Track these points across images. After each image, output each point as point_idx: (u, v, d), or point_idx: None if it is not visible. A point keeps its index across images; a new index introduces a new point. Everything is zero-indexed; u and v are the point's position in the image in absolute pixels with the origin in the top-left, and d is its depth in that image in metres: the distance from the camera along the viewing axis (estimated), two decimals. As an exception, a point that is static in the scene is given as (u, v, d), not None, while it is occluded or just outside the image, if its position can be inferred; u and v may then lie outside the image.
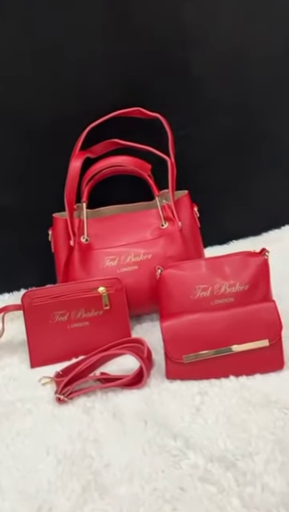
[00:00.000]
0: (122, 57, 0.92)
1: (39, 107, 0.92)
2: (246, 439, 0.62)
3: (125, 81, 0.93)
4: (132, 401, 0.72)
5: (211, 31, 0.96)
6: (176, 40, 0.94)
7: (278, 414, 0.64)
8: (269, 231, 1.13)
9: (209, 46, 0.96)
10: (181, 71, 0.96)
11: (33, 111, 0.92)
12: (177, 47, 0.95)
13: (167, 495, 0.57)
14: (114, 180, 0.94)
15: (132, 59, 0.93)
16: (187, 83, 0.98)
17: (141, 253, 0.87)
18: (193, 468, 0.59)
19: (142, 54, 0.93)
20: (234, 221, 1.11)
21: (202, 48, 0.96)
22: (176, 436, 0.64)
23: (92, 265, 0.87)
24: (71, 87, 0.92)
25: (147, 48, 0.93)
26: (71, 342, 0.84)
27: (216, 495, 0.55)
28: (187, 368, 0.73)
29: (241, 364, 0.72)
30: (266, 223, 1.13)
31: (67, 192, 0.87)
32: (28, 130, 0.93)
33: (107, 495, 0.58)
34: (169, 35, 0.94)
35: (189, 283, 0.80)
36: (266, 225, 1.13)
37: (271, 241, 1.10)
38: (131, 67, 0.93)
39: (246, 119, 1.04)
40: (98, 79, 0.93)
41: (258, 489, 0.55)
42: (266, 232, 1.13)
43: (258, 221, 1.12)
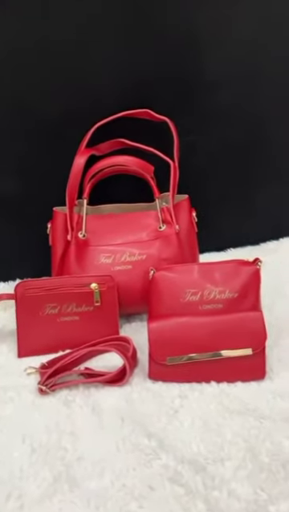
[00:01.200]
0: (134, 59, 0.94)
1: (51, 102, 0.94)
2: (219, 444, 0.62)
3: (136, 83, 0.94)
4: (112, 398, 0.73)
5: (225, 40, 0.96)
6: (189, 47, 0.95)
7: (253, 423, 0.65)
8: (267, 242, 1.14)
9: (221, 54, 0.97)
10: (193, 78, 0.97)
11: (44, 105, 0.94)
12: (190, 54, 0.96)
13: (135, 492, 0.57)
14: (116, 180, 0.95)
15: (145, 62, 0.94)
16: (197, 90, 0.98)
17: (136, 254, 0.88)
18: (164, 468, 0.60)
19: (155, 57, 0.94)
20: (232, 229, 1.11)
21: (215, 56, 0.97)
22: (151, 435, 0.65)
23: (87, 261, 0.88)
24: (83, 85, 0.94)
25: (160, 52, 0.94)
26: (60, 335, 0.85)
27: (183, 496, 0.56)
28: (170, 370, 0.74)
29: (223, 371, 0.73)
30: (264, 234, 1.13)
31: (69, 187, 0.88)
32: (37, 123, 0.95)
33: (77, 488, 0.59)
34: (183, 41, 0.95)
35: (179, 286, 0.81)
36: (264, 235, 1.13)
37: (268, 251, 1.10)
38: (142, 70, 0.95)
39: (253, 130, 1.05)
40: (109, 79, 0.94)
41: (224, 495, 0.55)
42: (264, 242, 1.14)
43: (257, 231, 1.13)
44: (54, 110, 0.94)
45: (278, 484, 0.56)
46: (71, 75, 0.93)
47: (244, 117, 1.03)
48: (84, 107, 0.94)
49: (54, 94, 0.94)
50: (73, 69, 0.93)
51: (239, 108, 1.02)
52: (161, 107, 0.92)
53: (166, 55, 0.95)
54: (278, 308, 0.91)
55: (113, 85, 0.94)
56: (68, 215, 0.89)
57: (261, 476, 0.57)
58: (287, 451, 0.60)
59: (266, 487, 0.56)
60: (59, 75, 0.93)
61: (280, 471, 0.57)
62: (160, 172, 0.92)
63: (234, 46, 0.97)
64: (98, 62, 0.93)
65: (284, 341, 0.80)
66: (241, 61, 0.99)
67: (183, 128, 0.94)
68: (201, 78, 0.98)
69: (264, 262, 1.05)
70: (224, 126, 1.02)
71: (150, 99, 0.93)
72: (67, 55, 0.92)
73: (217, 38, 0.96)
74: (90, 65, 0.93)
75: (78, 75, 0.93)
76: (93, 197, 0.95)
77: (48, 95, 0.93)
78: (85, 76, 0.94)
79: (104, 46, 0.92)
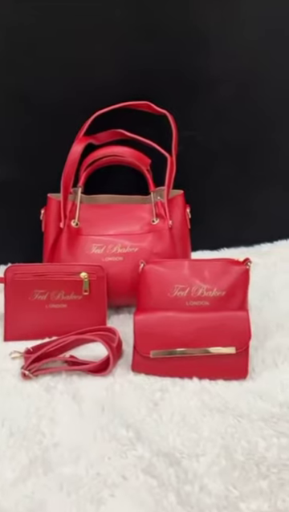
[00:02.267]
0: (137, 50, 0.93)
1: (52, 88, 0.93)
2: (195, 440, 0.63)
3: (138, 74, 0.94)
4: (93, 387, 0.73)
5: (229, 37, 0.96)
6: (193, 42, 0.94)
7: (231, 421, 0.65)
8: (261, 244, 1.14)
9: (226, 51, 0.96)
10: (196, 73, 0.97)
11: (46, 90, 0.93)
12: (195, 48, 0.95)
13: (108, 481, 0.58)
14: (113, 171, 0.95)
15: (148, 55, 0.93)
16: (200, 86, 0.98)
17: (128, 246, 0.88)
18: (139, 459, 0.60)
19: (158, 49, 0.93)
20: (227, 229, 1.11)
21: (219, 52, 0.96)
22: (129, 426, 0.65)
23: (79, 249, 0.88)
24: (84, 74, 0.93)
25: (164, 46, 0.94)
26: (47, 321, 0.85)
27: (155, 488, 0.56)
28: (153, 364, 0.74)
29: (206, 368, 0.73)
30: (259, 235, 1.13)
31: (64, 174, 0.88)
32: (38, 108, 0.94)
33: (52, 472, 0.59)
34: (187, 36, 0.94)
35: (168, 281, 0.81)
36: (259, 237, 1.13)
37: (262, 254, 1.11)
38: (145, 62, 0.94)
39: (253, 130, 1.04)
40: (112, 70, 0.94)
41: (196, 489, 0.55)
42: (258, 244, 1.14)
43: (252, 232, 1.12)
44: (53, 96, 0.93)
45: (250, 482, 0.56)
46: (72, 63, 0.93)
47: (245, 116, 1.02)
48: (85, 95, 0.93)
49: (54, 81, 0.93)
50: (74, 58, 0.92)
51: (241, 107, 1.02)
52: (162, 100, 0.92)
53: (170, 48, 0.94)
54: (266, 310, 0.91)
55: (115, 75, 0.94)
56: (62, 202, 0.89)
57: (234, 473, 0.58)
58: (262, 451, 0.60)
59: (238, 484, 0.56)
60: (60, 62, 0.92)
61: (253, 469, 0.58)
62: (158, 166, 0.91)
63: (238, 43, 0.96)
64: (100, 51, 0.92)
65: (269, 343, 0.81)
66: (245, 58, 0.98)
67: (183, 123, 0.94)
68: (204, 73, 0.97)
69: (257, 263, 1.07)
70: (224, 124, 1.02)
71: (151, 92, 0.93)
72: (69, 43, 0.91)
73: (222, 34, 0.95)
74: (92, 54, 0.92)
75: (79, 64, 0.93)
76: (89, 187, 0.95)
77: (48, 81, 0.93)
78: (87, 65, 0.93)
79: (108, 35, 0.91)
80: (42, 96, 0.93)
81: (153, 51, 0.93)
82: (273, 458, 0.59)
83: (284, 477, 0.57)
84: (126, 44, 0.93)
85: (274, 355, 0.77)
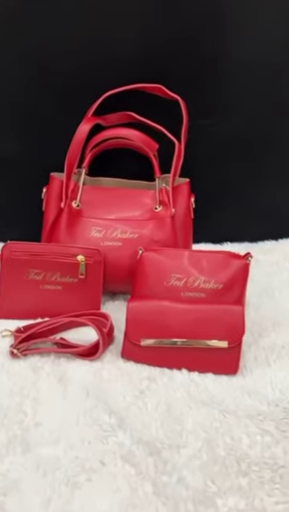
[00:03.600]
0: (156, 34, 0.90)
1: (63, 65, 0.91)
2: (178, 431, 0.62)
3: (153, 57, 0.91)
4: (81, 371, 0.73)
5: (250, 25, 0.92)
6: (213, 27, 0.91)
7: (217, 415, 0.64)
8: (265, 240, 1.11)
9: (244, 40, 0.93)
10: (212, 61, 0.94)
11: (56, 66, 0.91)
12: (213, 36, 0.92)
13: (86, 465, 0.57)
14: (120, 154, 0.93)
15: (165, 37, 0.91)
16: (215, 74, 0.95)
17: (128, 231, 0.86)
18: (119, 446, 0.59)
19: (176, 33, 0.91)
20: (232, 223, 1.09)
21: (237, 41, 0.93)
22: (112, 413, 0.64)
23: (78, 231, 0.86)
24: (97, 52, 0.91)
25: (182, 28, 0.91)
26: (40, 302, 0.85)
27: (132, 476, 0.55)
28: (143, 352, 0.73)
29: (196, 360, 0.72)
30: (263, 232, 1.10)
31: (69, 153, 0.86)
32: (46, 83, 0.92)
33: (30, 452, 0.59)
34: (207, 21, 0.91)
35: (165, 270, 0.79)
36: (263, 234, 1.10)
37: (265, 251, 1.08)
38: (162, 46, 0.91)
39: (266, 124, 1.01)
40: (125, 50, 0.91)
41: (173, 480, 0.54)
42: (262, 241, 1.11)
43: (257, 228, 1.10)
44: (63, 73, 0.91)
45: (229, 478, 0.55)
46: (86, 40, 0.90)
47: (260, 110, 0.99)
48: (96, 74, 0.91)
49: (65, 57, 0.91)
50: (89, 35, 0.90)
51: (257, 99, 0.98)
52: (176, 85, 0.89)
53: (188, 32, 0.91)
54: (264, 307, 0.89)
55: (129, 56, 0.91)
56: (65, 182, 0.87)
57: (214, 468, 0.56)
58: (245, 448, 0.59)
59: (217, 480, 0.55)
60: (74, 38, 0.90)
61: (234, 466, 0.56)
62: (165, 153, 0.89)
63: (261, 30, 0.93)
64: (116, 30, 0.90)
65: (264, 340, 0.79)
66: (264, 50, 0.94)
67: (195, 110, 0.91)
68: (220, 62, 0.94)
69: (259, 260, 1.05)
70: (238, 115, 0.99)
71: (165, 76, 0.90)
72: (86, 19, 0.89)
73: (245, 20, 0.91)
74: (106, 33, 0.90)
75: (94, 42, 0.90)
76: (94, 169, 0.94)
77: (59, 57, 0.90)
78: (100, 44, 0.91)
79: (126, 13, 0.89)
80: (51, 72, 0.91)
81: (171, 33, 0.91)
82: (255, 456, 0.58)
83: (265, 475, 0.55)
84: (143, 23, 0.90)
85: (268, 353, 0.75)
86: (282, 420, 0.62)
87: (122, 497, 0.53)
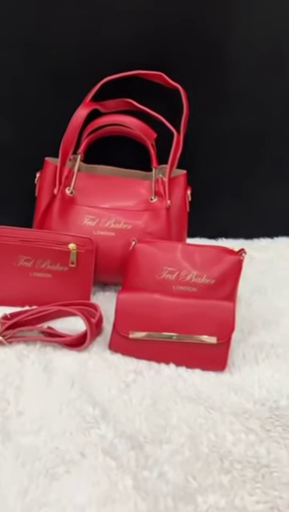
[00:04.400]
0: (159, 19, 0.87)
1: (62, 47, 0.88)
2: (162, 426, 0.61)
3: (156, 44, 0.89)
4: (67, 361, 0.71)
5: (254, 15, 0.89)
6: (218, 16, 0.89)
7: (202, 412, 0.63)
8: (261, 238, 1.10)
9: (250, 32, 0.90)
10: (216, 51, 0.91)
11: (55, 48, 0.88)
12: (218, 25, 0.89)
13: (66, 457, 0.56)
14: (117, 142, 0.91)
15: (168, 25, 0.88)
16: (219, 64, 0.92)
17: (122, 222, 0.85)
18: (101, 438, 0.58)
19: (181, 22, 0.88)
20: (228, 219, 1.07)
21: (242, 32, 0.90)
22: (96, 404, 0.63)
23: (70, 219, 0.85)
24: (99, 35, 0.88)
25: (186, 16, 0.88)
26: (29, 289, 0.83)
27: (112, 470, 0.54)
28: (131, 344, 0.72)
29: (184, 355, 0.71)
30: (260, 229, 1.09)
31: (65, 138, 0.84)
32: (44, 67, 0.89)
33: (10, 441, 0.58)
34: (211, 9, 0.88)
35: (158, 262, 0.78)
36: (259, 231, 1.09)
37: (260, 248, 1.07)
38: (167, 33, 0.88)
39: (269, 119, 0.99)
40: (128, 35, 0.88)
41: (154, 475, 0.53)
42: (257, 238, 1.10)
43: (253, 225, 1.09)
44: (63, 56, 0.88)
45: (211, 475, 0.54)
46: (83, 22, 0.87)
47: (263, 104, 0.97)
48: (95, 58, 0.88)
49: (63, 39, 0.87)
50: (87, 17, 0.86)
51: (261, 92, 0.96)
52: (177, 74, 0.87)
53: (193, 21, 0.88)
54: (256, 305, 0.88)
55: (130, 41, 0.88)
56: (59, 167, 0.85)
57: (196, 465, 0.56)
58: (229, 445, 0.58)
59: (198, 476, 0.54)
60: (74, 19, 0.87)
61: (216, 463, 0.56)
62: (164, 143, 0.87)
63: (264, 26, 0.90)
64: (115, 14, 0.87)
65: (253, 338, 0.78)
66: (269, 43, 0.92)
67: (196, 101, 0.89)
68: (224, 52, 0.92)
69: (253, 257, 1.04)
70: (240, 109, 0.97)
71: (167, 64, 0.88)
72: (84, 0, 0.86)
73: (249, 11, 0.89)
74: (107, 16, 0.87)
75: (92, 24, 0.87)
76: (90, 157, 0.92)
77: (57, 39, 0.87)
78: (100, 27, 0.87)
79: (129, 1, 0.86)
80: (48, 55, 0.88)
81: (176, 19, 0.88)
82: (238, 454, 0.57)
83: (247, 474, 0.55)
84: (146, 8, 0.87)
85: (257, 351, 0.74)
86: (267, 420, 0.61)
87: (101, 491, 0.52)
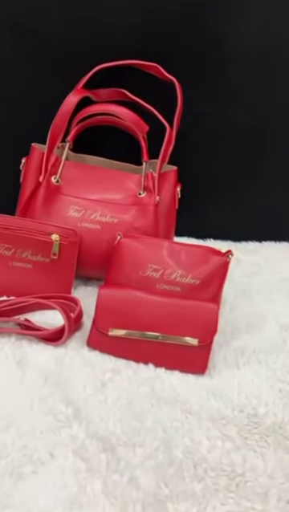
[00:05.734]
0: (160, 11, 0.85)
1: (56, 30, 0.85)
2: (136, 428, 0.58)
3: (154, 34, 0.86)
4: (42, 356, 0.69)
5: (256, 12, 0.87)
6: (218, 9, 0.87)
7: (179, 415, 0.61)
8: (249, 241, 1.09)
9: (249, 27, 0.88)
10: (214, 45, 0.89)
11: (48, 30, 0.84)
12: (218, 19, 0.87)
13: (34, 456, 0.54)
14: (107, 133, 0.88)
15: (170, 18, 0.85)
16: (217, 60, 0.90)
17: (108, 215, 0.82)
18: (72, 439, 0.56)
19: (182, 16, 0.86)
20: (217, 219, 1.05)
21: (242, 27, 0.88)
22: (69, 403, 0.61)
23: (55, 209, 0.82)
24: (96, 21, 0.85)
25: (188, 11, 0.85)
26: (8, 279, 0.80)
27: (81, 472, 0.52)
28: (110, 342, 0.69)
29: (164, 356, 0.68)
30: (248, 232, 1.07)
31: (54, 124, 0.81)
32: (35, 49, 0.86)
33: (-25, 437, 0.55)
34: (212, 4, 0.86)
35: (142, 259, 0.75)
36: (248, 234, 1.07)
37: (247, 251, 1.06)
38: (166, 25, 0.86)
39: (265, 118, 0.97)
40: (125, 22, 0.85)
41: (124, 480, 0.51)
42: (246, 241, 1.08)
43: (242, 228, 1.07)
44: (56, 39, 0.85)
45: (183, 482, 0.52)
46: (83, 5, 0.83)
47: (259, 103, 0.95)
48: (92, 45, 0.85)
49: (56, 19, 0.84)
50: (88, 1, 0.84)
51: (258, 90, 0.94)
52: (173, 67, 0.85)
53: (194, 15, 0.86)
54: (240, 308, 0.87)
55: (129, 29, 0.85)
56: (46, 154, 0.82)
57: (169, 470, 0.54)
58: (204, 451, 0.56)
59: (170, 483, 0.52)
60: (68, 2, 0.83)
61: (190, 470, 0.54)
62: (156, 137, 0.85)
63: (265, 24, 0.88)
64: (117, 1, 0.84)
65: (236, 342, 0.76)
66: (269, 41, 0.90)
67: (190, 96, 0.87)
68: (223, 48, 0.89)
69: (240, 260, 1.02)
70: (235, 107, 0.95)
71: (164, 56, 0.85)
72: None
73: (249, 5, 0.87)
74: (108, 1, 0.84)
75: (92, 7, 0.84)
76: (79, 146, 0.88)
77: (50, 19, 0.84)
78: (101, 11, 0.84)
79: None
80: (39, 36, 0.85)
81: (177, 13, 0.85)
82: (213, 461, 0.55)
83: (220, 482, 0.53)
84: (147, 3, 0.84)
85: (238, 355, 0.72)
86: (245, 427, 0.60)
87: (68, 494, 0.50)
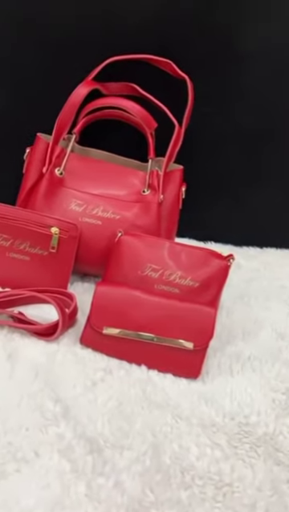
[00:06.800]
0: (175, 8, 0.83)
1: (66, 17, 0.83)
2: (125, 431, 0.57)
3: (169, 32, 0.84)
4: (34, 350, 0.67)
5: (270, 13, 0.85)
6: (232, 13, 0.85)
7: (169, 420, 0.60)
8: (250, 246, 1.07)
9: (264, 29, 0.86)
10: (230, 47, 0.87)
11: (57, 18, 0.83)
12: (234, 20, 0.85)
13: (18, 454, 0.52)
14: (115, 127, 0.87)
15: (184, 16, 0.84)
16: (229, 61, 0.88)
17: (110, 211, 0.81)
18: (58, 438, 0.55)
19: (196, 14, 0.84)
20: (219, 222, 1.04)
21: (260, 30, 0.86)
22: (58, 401, 0.59)
23: (56, 201, 0.80)
24: (111, 13, 0.83)
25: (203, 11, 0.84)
26: (4, 270, 0.79)
27: (66, 473, 0.51)
28: (103, 340, 0.68)
29: (157, 358, 0.67)
30: (250, 237, 1.06)
31: (61, 115, 0.79)
32: (46, 37, 0.84)
33: None
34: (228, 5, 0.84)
35: (142, 258, 0.74)
36: (249, 239, 1.06)
37: (248, 257, 1.04)
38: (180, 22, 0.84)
39: (274, 121, 0.95)
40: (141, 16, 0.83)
41: (109, 484, 0.50)
42: (246, 246, 1.07)
43: (244, 232, 1.05)
44: (69, 29, 0.83)
45: (170, 489, 0.51)
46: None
47: (270, 106, 0.93)
48: (105, 37, 0.83)
49: (69, 6, 0.82)
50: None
51: (269, 93, 0.92)
52: (186, 65, 0.83)
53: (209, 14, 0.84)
54: (237, 314, 0.85)
55: (144, 24, 0.83)
56: (51, 145, 0.80)
57: (156, 476, 0.52)
58: (193, 458, 0.55)
59: (156, 489, 0.51)
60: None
61: (177, 477, 0.53)
62: (163, 134, 0.83)
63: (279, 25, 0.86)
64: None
65: (231, 348, 0.75)
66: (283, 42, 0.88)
67: (201, 96, 0.85)
68: (237, 49, 0.87)
69: (240, 265, 1.01)
70: (245, 109, 0.93)
71: (177, 53, 0.83)
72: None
73: (266, 11, 0.85)
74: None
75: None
76: (85, 139, 0.87)
77: (62, 5, 0.82)
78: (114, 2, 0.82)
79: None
80: (51, 24, 0.83)
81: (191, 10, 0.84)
82: (201, 469, 0.54)
83: (207, 491, 0.52)
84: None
85: (233, 361, 0.71)
86: (235, 436, 0.59)
87: (51, 495, 0.48)
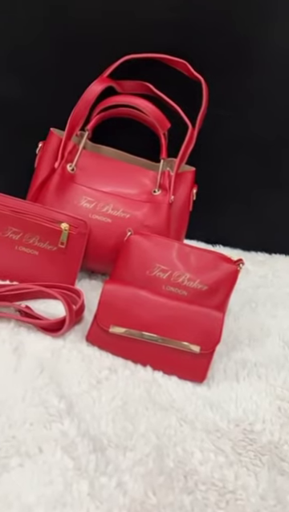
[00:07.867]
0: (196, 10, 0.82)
1: (87, 19, 0.83)
2: (129, 431, 0.57)
3: (187, 33, 0.84)
4: (40, 345, 0.67)
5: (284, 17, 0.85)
6: (253, 16, 0.84)
7: (173, 422, 0.59)
8: (258, 252, 1.07)
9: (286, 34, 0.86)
10: (248, 50, 0.86)
11: (77, 12, 0.82)
12: (253, 24, 0.84)
13: (22, 449, 0.52)
14: (128, 126, 0.86)
15: (203, 17, 0.83)
16: (249, 66, 0.88)
17: (120, 209, 0.80)
18: (62, 435, 0.54)
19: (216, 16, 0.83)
20: (228, 226, 1.03)
21: (279, 34, 0.85)
22: (63, 397, 0.59)
23: (67, 197, 0.80)
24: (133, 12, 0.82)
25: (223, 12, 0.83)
26: (12, 263, 0.79)
27: (69, 471, 0.50)
28: (109, 339, 0.68)
29: (163, 359, 0.67)
30: (259, 243, 1.05)
31: (75, 111, 0.79)
32: (64, 31, 0.84)
33: None
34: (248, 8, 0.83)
35: (151, 258, 0.74)
36: (258, 244, 1.05)
37: (256, 262, 1.04)
38: (199, 23, 0.83)
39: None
40: (160, 15, 0.83)
41: (112, 484, 0.50)
42: (255, 251, 1.06)
43: (254, 237, 1.04)
44: (86, 24, 0.83)
45: (172, 493, 0.51)
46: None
47: (282, 111, 0.92)
48: (123, 34, 0.83)
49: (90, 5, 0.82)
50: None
51: (283, 100, 0.91)
52: (201, 66, 0.82)
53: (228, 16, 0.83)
54: (243, 320, 0.85)
55: (162, 23, 0.83)
56: (63, 141, 0.80)
57: (158, 479, 0.52)
58: (196, 462, 0.55)
59: (158, 492, 0.51)
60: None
61: (180, 481, 0.52)
62: (176, 135, 0.83)
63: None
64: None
65: (237, 354, 0.75)
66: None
67: (215, 98, 0.84)
68: (254, 53, 0.87)
69: (248, 270, 1.00)
70: (260, 113, 0.92)
71: (193, 54, 0.83)
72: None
73: (286, 17, 0.84)
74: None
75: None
76: (97, 136, 0.87)
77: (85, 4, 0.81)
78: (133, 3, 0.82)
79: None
80: (70, 18, 0.82)
81: (211, 13, 0.83)
82: (204, 474, 0.54)
83: (210, 497, 0.51)
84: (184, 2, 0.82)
85: (239, 367, 0.71)
86: (239, 442, 0.58)
87: (52, 492, 0.48)
